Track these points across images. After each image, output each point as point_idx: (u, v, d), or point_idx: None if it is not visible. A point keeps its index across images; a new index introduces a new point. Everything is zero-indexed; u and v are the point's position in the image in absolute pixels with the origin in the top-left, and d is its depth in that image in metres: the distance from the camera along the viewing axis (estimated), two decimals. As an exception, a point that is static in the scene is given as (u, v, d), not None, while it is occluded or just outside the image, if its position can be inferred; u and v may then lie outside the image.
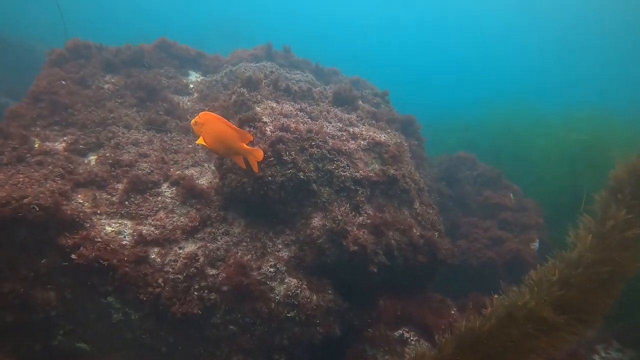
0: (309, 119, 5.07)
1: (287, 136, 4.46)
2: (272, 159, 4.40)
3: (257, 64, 7.89)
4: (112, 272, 4.09)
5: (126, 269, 4.06)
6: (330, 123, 5.10)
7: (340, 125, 5.11)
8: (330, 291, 4.58)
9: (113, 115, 6.12)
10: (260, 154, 4.10)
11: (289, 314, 4.35)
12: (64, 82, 6.56)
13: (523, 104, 12.76)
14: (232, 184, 4.56)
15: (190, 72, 8.01)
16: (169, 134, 6.23)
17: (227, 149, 3.98)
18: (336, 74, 8.79)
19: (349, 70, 9.08)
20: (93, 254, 4.00)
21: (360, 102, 5.98)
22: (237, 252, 4.55)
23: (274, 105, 5.45)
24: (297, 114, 5.02)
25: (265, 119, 4.71)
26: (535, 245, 6.83)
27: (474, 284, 6.00)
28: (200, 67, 8.19)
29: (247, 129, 4.67)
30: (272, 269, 4.44)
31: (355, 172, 4.64)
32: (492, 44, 37.76)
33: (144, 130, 6.16)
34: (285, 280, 4.44)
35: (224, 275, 4.35)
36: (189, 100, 7.18)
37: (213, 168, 5.42)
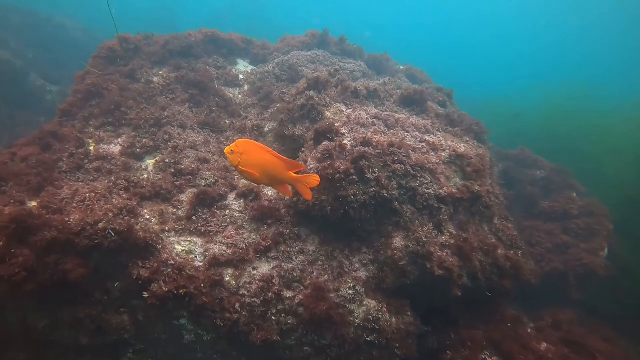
0: (385, 128, 4.72)
1: (369, 152, 4.14)
2: (354, 176, 4.09)
3: (309, 52, 7.49)
4: (188, 298, 3.89)
5: (204, 298, 3.85)
6: (408, 132, 4.75)
7: (418, 135, 4.75)
8: (409, 313, 4.35)
9: (167, 114, 5.84)
10: (316, 180, 3.59)
11: (368, 337, 4.13)
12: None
13: (586, 89, 11.76)
14: (309, 202, 4.27)
15: (239, 60, 7.64)
16: (224, 134, 5.94)
17: (272, 180, 3.55)
18: (387, 60, 8.34)
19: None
20: (167, 288, 3.79)
21: (429, 103, 5.58)
22: (313, 272, 4.31)
23: (344, 108, 5.11)
24: (373, 122, 4.67)
25: (342, 130, 4.38)
26: (604, 253, 6.48)
27: (537, 292, 5.72)
28: (248, 55, 7.81)
29: (324, 141, 4.35)
30: (350, 291, 4.20)
31: (439, 188, 4.32)
32: (543, 15, 32.36)
33: (199, 130, 5.89)
34: (364, 303, 4.20)
35: (300, 297, 4.13)
36: (240, 93, 6.85)
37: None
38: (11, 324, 4.09)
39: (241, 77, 7.11)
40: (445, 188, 4.33)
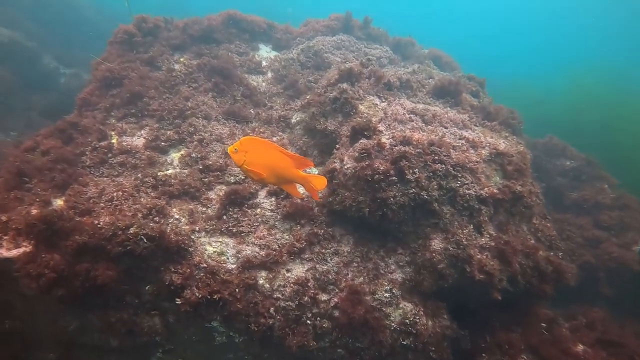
0: (422, 123, 4.51)
1: (409, 151, 3.95)
2: (393, 177, 3.92)
3: (334, 38, 7.22)
4: (222, 303, 3.78)
5: (238, 305, 3.74)
6: (447, 128, 4.54)
7: (456, 131, 4.54)
8: (445, 316, 4.23)
9: (191, 105, 5.65)
10: (322, 183, 3.37)
11: (404, 341, 4.02)
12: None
13: (617, 70, 11.11)
14: (346, 202, 4.12)
15: (261, 45, 7.38)
16: (249, 125, 5.75)
17: (280, 179, 3.31)
18: (412, 44, 8.04)
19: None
20: (200, 294, 3.68)
21: (464, 94, 5.34)
22: (348, 274, 4.18)
23: (377, 102, 4.90)
24: (410, 118, 4.46)
25: (380, 127, 4.19)
26: (638, 247, 6.30)
27: (567, 287, 5.57)
28: (270, 39, 7.54)
29: (362, 138, 4.16)
30: (387, 294, 4.07)
31: (480, 189, 4.14)
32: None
33: (224, 121, 5.70)
34: (401, 306, 4.07)
35: (336, 300, 4.02)
36: (263, 81, 6.63)
37: (314, 172, 4.97)
38: (41, 325, 4.03)
39: (264, 63, 6.87)
40: (486, 188, 4.15)
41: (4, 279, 3.59)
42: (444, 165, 4.03)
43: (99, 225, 3.68)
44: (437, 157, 4.04)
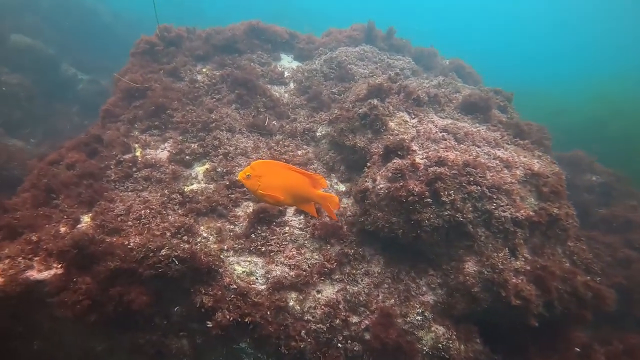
0: (455, 142, 4.41)
1: (445, 172, 3.85)
2: (428, 199, 3.82)
3: (357, 48, 7.14)
4: (253, 326, 3.70)
5: (270, 328, 3.66)
6: (480, 147, 4.43)
7: (490, 150, 4.43)
8: (478, 340, 4.11)
9: (215, 117, 5.60)
10: (335, 201, 3.23)
11: (435, 366, 3.92)
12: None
13: None
14: (378, 223, 4.03)
15: (282, 55, 7.33)
16: (273, 137, 5.68)
17: (297, 199, 3.18)
18: (434, 55, 7.94)
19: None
20: (231, 317, 3.60)
21: (494, 110, 5.23)
22: (379, 296, 4.09)
23: (407, 118, 4.81)
24: (443, 136, 4.36)
25: (413, 147, 4.09)
26: (672, 268, 6.12)
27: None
28: (292, 49, 7.49)
29: (395, 158, 4.07)
30: (419, 317, 3.98)
31: (516, 211, 4.03)
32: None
33: (247, 133, 5.64)
34: (432, 329, 3.97)
35: (367, 323, 3.94)
36: (286, 92, 6.56)
37: (341, 188, 4.89)
38: (69, 346, 3.98)
39: (287, 74, 6.81)
40: (522, 211, 4.03)
41: (34, 301, 3.53)
42: (479, 187, 3.93)
43: (129, 247, 3.62)
44: (472, 179, 3.94)
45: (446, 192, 3.83)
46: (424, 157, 4.03)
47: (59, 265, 3.58)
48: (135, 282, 3.53)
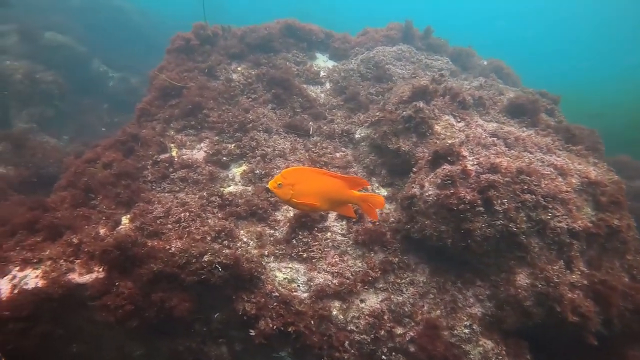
0: (505, 148, 4.21)
1: (498, 180, 3.66)
2: (480, 208, 3.64)
3: (394, 48, 6.95)
4: (296, 335, 3.58)
5: (314, 338, 3.53)
6: (532, 153, 4.22)
7: (542, 156, 4.22)
8: (528, 356, 3.91)
9: (251, 117, 5.49)
10: (380, 200, 3.12)
11: (483, 382, 3.75)
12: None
13: None
14: (426, 231, 3.86)
15: (318, 54, 7.19)
16: (311, 139, 5.55)
17: (333, 203, 3.04)
18: (472, 55, 7.70)
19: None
20: (274, 325, 3.49)
21: (542, 114, 5.00)
22: (424, 306, 3.93)
23: (453, 121, 4.63)
24: (493, 141, 4.17)
25: (463, 152, 3.91)
26: None
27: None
28: (327, 48, 7.35)
29: (444, 164, 3.90)
30: (466, 330, 3.80)
31: (573, 222, 3.81)
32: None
33: (284, 134, 5.52)
34: (480, 343, 3.79)
35: (411, 334, 3.78)
36: (322, 92, 6.42)
37: (382, 192, 4.74)
38: (107, 350, 3.92)
39: (322, 73, 6.67)
40: (579, 221, 3.82)
41: (75, 304, 3.48)
42: (534, 196, 3.73)
43: (171, 251, 3.53)
44: (526, 187, 3.74)
45: (499, 201, 3.65)
46: (475, 163, 3.85)
47: (101, 269, 3.51)
48: (177, 288, 3.44)
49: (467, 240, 3.72)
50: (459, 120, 4.69)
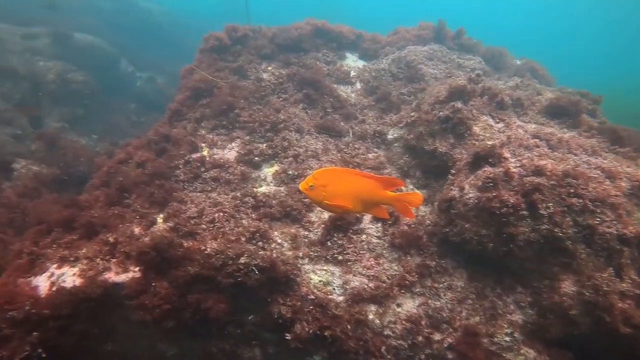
0: (548, 149, 4.06)
1: (543, 183, 3.53)
2: (524, 211, 3.50)
3: (425, 48, 6.84)
4: (332, 340, 3.50)
5: (351, 343, 3.45)
6: (577, 155, 4.07)
7: (588, 159, 4.06)
8: (572, 368, 3.76)
9: (283, 117, 5.44)
10: (418, 198, 2.98)
11: (525, 393, 3.61)
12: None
13: None
14: (465, 234, 3.75)
15: (347, 54, 7.12)
16: (342, 139, 5.47)
17: (367, 204, 2.92)
18: (505, 55, 7.51)
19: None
20: (310, 329, 3.42)
21: (584, 115, 4.83)
22: (462, 312, 3.81)
23: (492, 122, 4.49)
24: (535, 143, 4.03)
25: (505, 154, 3.78)
26: None
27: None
28: (357, 48, 7.27)
29: (485, 165, 3.78)
30: (507, 338, 3.67)
31: (623, 227, 3.64)
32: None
33: (316, 135, 5.46)
34: (522, 352, 3.65)
35: (449, 341, 3.67)
36: (353, 92, 6.35)
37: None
38: (140, 349, 3.90)
39: (353, 73, 6.59)
40: (630, 227, 3.65)
41: (111, 303, 3.46)
42: (581, 200, 3.57)
43: (206, 252, 3.49)
44: (573, 190, 3.59)
45: (544, 205, 3.51)
46: (518, 165, 3.71)
47: (137, 269, 3.49)
48: (213, 290, 3.40)
49: (509, 245, 3.59)
50: (497, 121, 4.56)
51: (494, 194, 3.58)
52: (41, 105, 9.42)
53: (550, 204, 3.53)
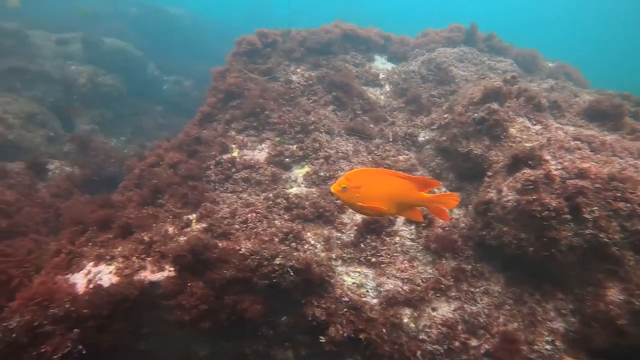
0: (590, 152, 3.94)
1: (587, 186, 3.41)
2: (567, 215, 3.39)
3: (455, 49, 6.75)
4: (366, 343, 3.44)
5: (386, 347, 3.38)
6: (622, 158, 3.93)
7: (636, 162, 3.92)
8: (615, 380, 3.61)
9: (313, 119, 5.41)
10: (455, 199, 2.83)
11: (566, 403, 3.47)
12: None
13: None
14: (503, 238, 3.65)
15: (376, 56, 7.07)
16: (372, 141, 5.42)
17: (401, 206, 2.77)
18: (537, 58, 7.35)
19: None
20: (345, 332, 3.37)
21: (627, 117, 4.67)
22: (499, 318, 3.71)
23: (529, 124, 4.39)
24: (577, 145, 3.91)
25: (545, 156, 3.67)
26: None
27: None
28: (385, 51, 7.22)
29: (524, 168, 3.68)
30: (548, 346, 3.54)
31: (672, 233, 3.49)
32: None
33: (346, 136, 5.42)
34: (563, 361, 3.53)
35: (486, 347, 3.57)
36: (382, 94, 6.29)
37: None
38: (173, 348, 3.91)
39: (381, 75, 6.54)
40: (679, 233, 3.50)
41: (146, 302, 3.47)
42: (628, 204, 3.44)
43: (242, 253, 3.48)
44: (619, 194, 3.46)
45: (588, 209, 3.39)
46: (560, 167, 3.61)
47: (172, 268, 3.50)
48: (248, 291, 3.38)
49: (551, 250, 3.48)
50: (534, 123, 4.45)
51: (535, 197, 3.48)
52: (65, 110, 9.62)
53: (595, 207, 3.41)
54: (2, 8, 12.10)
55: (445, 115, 4.86)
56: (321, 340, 3.41)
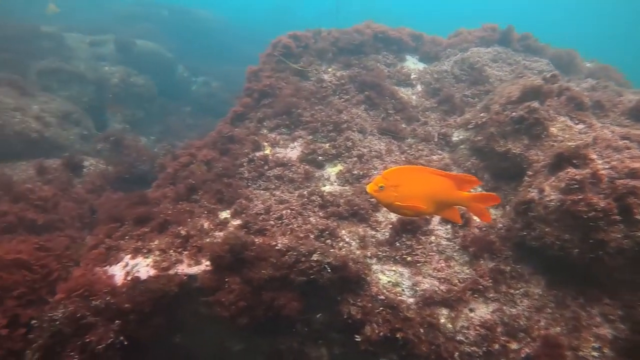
0: (638, 150, 3.80)
1: (638, 186, 3.28)
2: (615, 216, 3.27)
3: (489, 49, 6.63)
4: (402, 343, 3.37)
5: (423, 347, 3.31)
6: (673, 158, 3.78)
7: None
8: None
9: (345, 118, 5.38)
10: (495, 200, 2.77)
11: (612, 413, 3.34)
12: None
13: None
14: (546, 239, 3.55)
15: (407, 56, 7.01)
16: (405, 141, 5.36)
17: (441, 205, 2.64)
18: (574, 57, 7.16)
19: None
20: (381, 332, 3.31)
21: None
22: (540, 321, 3.59)
23: (570, 123, 4.26)
24: (626, 145, 3.78)
25: (592, 155, 3.55)
26: None
27: None
28: (416, 50, 7.16)
29: (568, 167, 3.57)
30: (594, 353, 3.41)
31: None
32: None
33: (379, 136, 5.37)
34: (612, 369, 3.39)
35: (527, 351, 3.46)
36: (413, 94, 6.23)
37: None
38: (207, 343, 3.92)
39: (413, 75, 6.47)
40: None
41: (182, 295, 3.49)
42: (681, 205, 3.30)
43: (278, 248, 3.47)
44: (674, 194, 3.32)
45: (640, 209, 3.26)
46: (607, 167, 3.49)
47: (208, 262, 3.51)
48: (285, 287, 3.36)
49: (598, 252, 3.36)
50: (576, 122, 4.33)
51: (580, 197, 3.36)
52: (105, 107, 9.84)
53: (647, 208, 3.28)
54: (43, 14, 12.50)
55: (482, 115, 4.77)
56: (357, 339, 3.36)
